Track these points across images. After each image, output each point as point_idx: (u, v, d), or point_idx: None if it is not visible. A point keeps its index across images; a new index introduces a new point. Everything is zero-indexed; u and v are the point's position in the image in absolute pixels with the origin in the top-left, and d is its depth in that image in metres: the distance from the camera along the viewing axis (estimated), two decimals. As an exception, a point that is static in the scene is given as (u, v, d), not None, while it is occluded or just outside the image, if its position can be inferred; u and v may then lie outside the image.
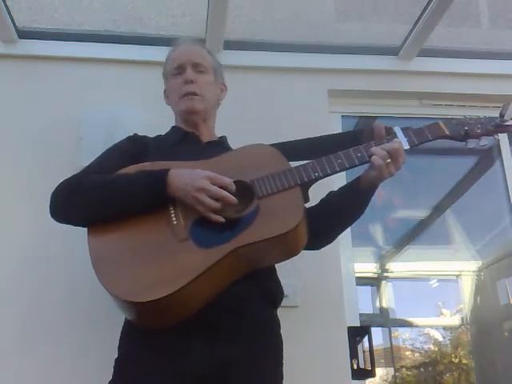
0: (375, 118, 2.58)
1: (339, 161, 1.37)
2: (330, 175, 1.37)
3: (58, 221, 1.42)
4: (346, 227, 1.59)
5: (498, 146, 2.51)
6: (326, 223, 1.50)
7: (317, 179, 1.37)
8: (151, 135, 1.63)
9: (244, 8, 2.59)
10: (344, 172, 1.44)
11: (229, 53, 2.25)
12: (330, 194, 1.54)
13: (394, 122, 2.58)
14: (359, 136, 1.53)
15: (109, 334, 1.39)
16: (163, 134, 1.66)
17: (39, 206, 1.41)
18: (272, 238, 1.26)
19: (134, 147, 1.54)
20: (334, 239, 1.58)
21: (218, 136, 1.68)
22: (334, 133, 2.19)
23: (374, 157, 1.34)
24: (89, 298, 1.67)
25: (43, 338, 1.84)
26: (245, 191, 1.34)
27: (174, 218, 1.31)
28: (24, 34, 2.23)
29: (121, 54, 2.26)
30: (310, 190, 1.41)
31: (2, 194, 2.00)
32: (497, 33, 3.03)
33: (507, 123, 1.41)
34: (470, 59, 2.50)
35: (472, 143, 1.40)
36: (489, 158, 2.64)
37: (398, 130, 1.41)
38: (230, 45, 2.27)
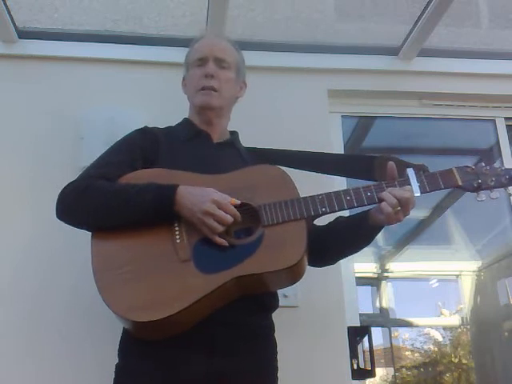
0: (375, 117, 2.58)
1: (348, 198, 1.36)
2: (337, 211, 1.38)
3: (63, 222, 1.42)
4: (349, 255, 1.59)
5: (498, 146, 2.51)
6: (330, 249, 1.51)
7: (324, 214, 1.37)
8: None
9: (244, 8, 2.59)
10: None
11: (229, 53, 2.25)
12: (338, 219, 1.53)
13: (394, 122, 2.62)
14: (370, 163, 1.55)
15: (110, 337, 1.39)
16: (173, 125, 1.64)
17: (40, 206, 1.42)
18: (274, 271, 1.27)
19: (144, 141, 1.52)
20: (334, 263, 1.60)
21: (230, 130, 1.67)
22: (347, 154, 2.22)
23: (383, 203, 1.33)
24: (90, 300, 1.66)
25: (44, 339, 1.84)
26: (251, 214, 1.35)
27: (177, 237, 1.32)
28: (24, 34, 2.23)
29: (121, 54, 2.25)
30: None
31: (2, 194, 2.00)
32: (497, 33, 3.02)
33: None
34: (470, 59, 2.49)
35: (483, 196, 1.40)
36: (489, 158, 2.63)
37: (411, 174, 1.39)
38: (230, 45, 2.27)
